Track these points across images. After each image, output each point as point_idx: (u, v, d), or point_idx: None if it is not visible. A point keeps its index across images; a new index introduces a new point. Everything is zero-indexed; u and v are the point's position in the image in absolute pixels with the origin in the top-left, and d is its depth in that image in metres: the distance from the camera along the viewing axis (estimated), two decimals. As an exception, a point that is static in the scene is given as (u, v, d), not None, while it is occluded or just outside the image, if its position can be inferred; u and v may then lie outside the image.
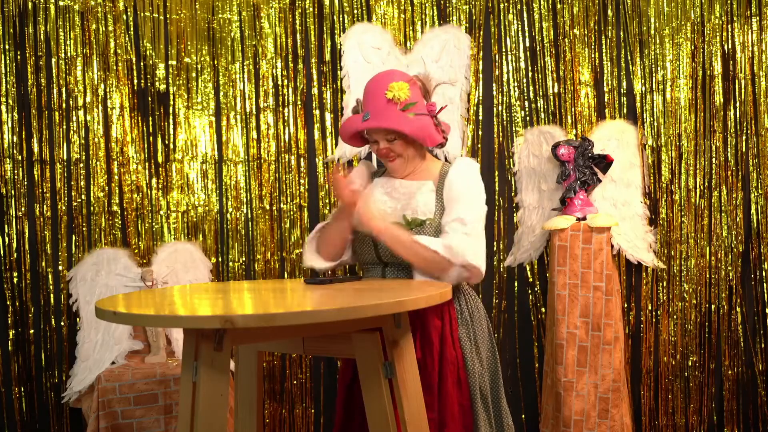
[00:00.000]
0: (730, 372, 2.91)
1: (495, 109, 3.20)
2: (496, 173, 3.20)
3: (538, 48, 3.15)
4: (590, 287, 2.77)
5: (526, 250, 3.09)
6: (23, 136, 3.02)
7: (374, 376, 1.63)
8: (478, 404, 1.92)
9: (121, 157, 3.16)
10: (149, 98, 3.23)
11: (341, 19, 3.25)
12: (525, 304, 3.17)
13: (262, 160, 3.29)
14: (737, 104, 2.89)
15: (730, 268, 2.91)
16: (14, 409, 2.95)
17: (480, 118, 3.20)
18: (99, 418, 2.64)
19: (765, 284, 2.87)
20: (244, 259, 3.29)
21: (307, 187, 3.28)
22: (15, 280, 2.98)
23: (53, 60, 3.06)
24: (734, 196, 2.90)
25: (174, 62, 3.26)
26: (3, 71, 2.99)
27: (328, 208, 3.25)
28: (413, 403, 1.66)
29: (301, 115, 3.28)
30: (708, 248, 2.93)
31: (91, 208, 3.10)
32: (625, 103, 3.06)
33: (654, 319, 3.01)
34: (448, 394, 1.89)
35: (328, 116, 3.26)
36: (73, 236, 3.07)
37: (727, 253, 2.91)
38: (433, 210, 1.96)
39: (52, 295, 3.02)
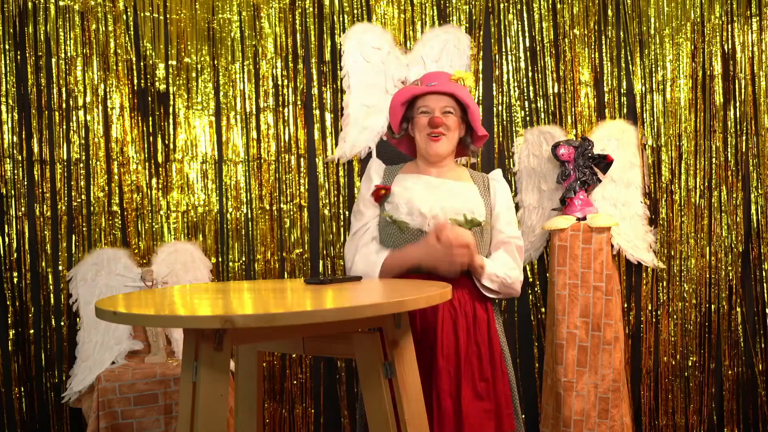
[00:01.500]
0: (730, 372, 2.91)
1: (495, 109, 3.20)
2: (496, 173, 3.20)
3: (538, 48, 3.15)
4: (590, 287, 2.77)
5: (526, 250, 3.09)
6: (23, 136, 3.02)
7: (374, 376, 1.63)
8: (515, 395, 2.03)
9: (121, 157, 3.16)
10: (149, 98, 3.23)
11: (341, 19, 3.25)
12: (525, 304, 3.17)
13: (262, 160, 3.29)
14: (737, 104, 2.89)
15: (730, 268, 2.91)
16: (14, 409, 2.95)
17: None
18: (99, 418, 2.64)
19: (765, 284, 2.87)
20: (244, 259, 3.29)
21: (307, 187, 3.28)
22: (15, 280, 2.98)
23: (53, 60, 3.06)
24: (734, 196, 2.90)
25: (174, 62, 3.26)
26: (3, 71, 2.99)
27: (328, 208, 3.25)
28: (413, 403, 1.66)
29: (301, 115, 3.28)
30: (708, 248, 2.93)
31: (91, 208, 3.10)
32: (625, 103, 3.06)
33: (654, 319, 3.01)
34: (498, 384, 1.96)
35: (328, 116, 3.26)
36: (73, 236, 3.07)
37: (727, 253, 2.91)
38: (484, 214, 2.03)
39: (52, 295, 3.02)
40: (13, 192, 2.99)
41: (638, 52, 3.03)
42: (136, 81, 3.19)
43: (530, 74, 3.17)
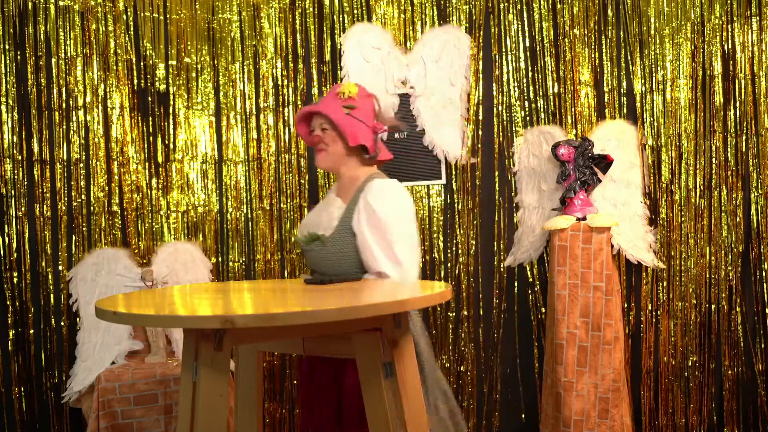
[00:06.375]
0: (730, 372, 2.91)
1: (495, 109, 3.20)
2: (496, 173, 3.20)
3: (538, 48, 3.15)
4: (590, 287, 2.77)
5: (526, 250, 3.09)
6: (23, 136, 3.02)
7: (374, 376, 1.63)
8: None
9: (121, 157, 3.15)
10: (149, 98, 3.23)
11: (341, 19, 3.25)
12: (525, 304, 3.17)
13: (262, 160, 3.29)
14: (737, 104, 2.89)
15: (730, 268, 2.91)
16: (14, 409, 2.95)
17: (480, 118, 3.20)
18: (99, 418, 2.64)
19: (765, 284, 2.87)
20: (244, 259, 3.29)
21: (307, 186, 3.28)
22: (15, 280, 2.98)
23: (53, 60, 3.05)
24: (734, 196, 2.90)
25: (174, 62, 3.26)
26: (3, 71, 2.99)
27: (328, 208, 3.25)
28: (413, 403, 1.66)
29: (301, 115, 3.28)
30: (708, 248, 2.93)
31: (91, 208, 3.10)
32: (625, 103, 3.06)
33: (654, 319, 3.01)
34: None
35: (328, 116, 3.26)
36: (73, 236, 3.07)
37: (727, 253, 2.91)
38: (333, 227, 1.99)
39: (52, 295, 3.02)
40: (13, 192, 2.99)
41: (638, 52, 3.03)
42: (136, 81, 3.19)
43: (530, 74, 3.17)
